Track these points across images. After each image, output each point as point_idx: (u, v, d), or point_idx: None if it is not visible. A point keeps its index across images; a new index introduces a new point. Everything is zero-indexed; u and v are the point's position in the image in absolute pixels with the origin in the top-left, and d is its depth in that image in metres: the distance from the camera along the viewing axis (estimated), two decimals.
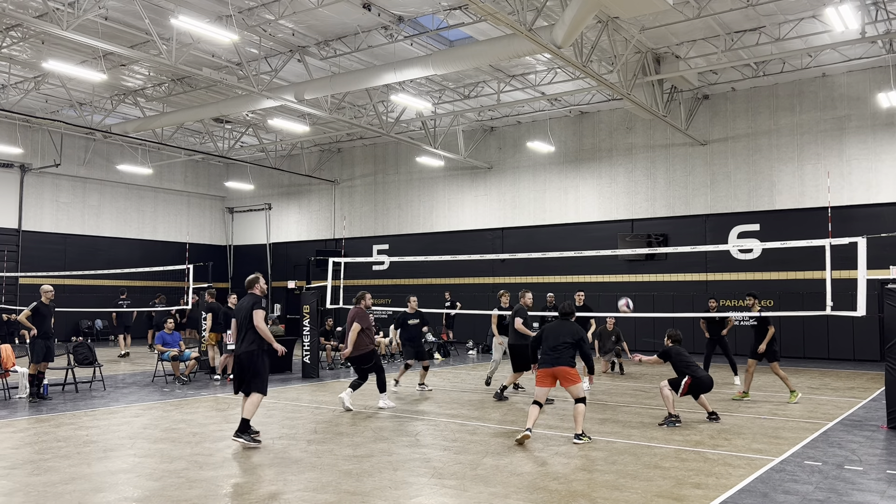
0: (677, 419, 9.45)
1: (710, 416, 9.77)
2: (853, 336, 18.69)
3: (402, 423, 9.52)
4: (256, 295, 8.32)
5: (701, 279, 21.24)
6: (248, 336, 8.08)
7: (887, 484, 6.53)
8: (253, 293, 8.32)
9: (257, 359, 8.06)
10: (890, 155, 18.68)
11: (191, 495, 6.04)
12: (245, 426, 7.89)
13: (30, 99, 21.98)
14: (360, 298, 10.92)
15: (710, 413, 9.79)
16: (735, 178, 20.81)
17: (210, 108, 20.34)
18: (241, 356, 8.12)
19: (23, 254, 25.08)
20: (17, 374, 11.87)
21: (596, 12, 13.48)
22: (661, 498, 6.03)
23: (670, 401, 9.46)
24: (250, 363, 8.04)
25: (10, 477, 6.63)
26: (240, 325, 8.21)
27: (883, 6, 14.99)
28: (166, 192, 30.44)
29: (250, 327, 8.06)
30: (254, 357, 8.05)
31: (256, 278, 8.44)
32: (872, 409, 10.76)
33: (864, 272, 10.02)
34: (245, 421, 7.90)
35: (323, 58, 18.14)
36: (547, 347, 8.47)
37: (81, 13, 13.81)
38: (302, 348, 15.14)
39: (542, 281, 23.60)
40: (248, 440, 7.83)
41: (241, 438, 7.82)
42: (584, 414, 8.38)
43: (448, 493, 6.18)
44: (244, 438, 7.83)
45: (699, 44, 17.37)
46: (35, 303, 11.82)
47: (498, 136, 25.38)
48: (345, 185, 29.31)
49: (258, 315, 8.05)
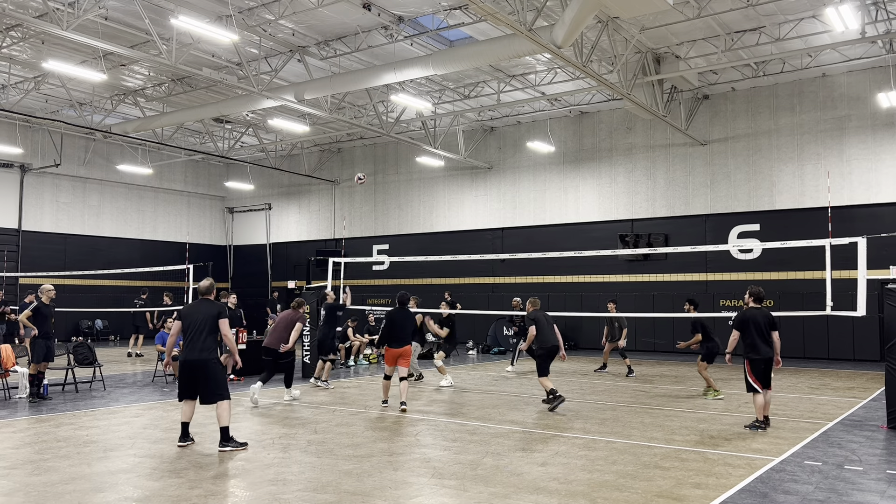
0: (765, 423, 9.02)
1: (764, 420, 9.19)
2: (853, 336, 18.69)
3: (402, 423, 9.52)
4: (217, 303, 8.11)
5: (701, 279, 21.24)
6: (206, 343, 7.78)
7: (887, 484, 6.53)
8: (209, 300, 8.06)
9: (215, 367, 7.84)
10: (890, 155, 18.68)
11: (191, 495, 6.04)
12: (226, 434, 7.75)
13: (30, 99, 21.98)
14: (300, 304, 12.09)
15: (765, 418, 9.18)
16: (735, 178, 20.81)
17: (210, 108, 20.35)
18: (194, 363, 7.79)
19: (23, 254, 25.08)
20: (17, 374, 11.87)
21: (596, 12, 13.48)
22: (661, 498, 6.03)
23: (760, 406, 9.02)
24: (209, 372, 7.78)
25: (10, 477, 6.63)
26: (194, 330, 7.79)
27: (883, 6, 14.99)
28: (166, 192, 30.45)
29: (210, 334, 7.80)
30: (211, 365, 7.80)
31: (212, 284, 8.15)
32: (872, 409, 10.76)
33: (864, 272, 10.03)
34: (225, 429, 7.75)
35: (323, 58, 18.14)
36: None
37: (81, 13, 13.82)
38: (302, 348, 15.15)
39: (542, 281, 23.61)
40: (236, 446, 7.74)
41: (229, 446, 7.69)
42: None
43: (448, 493, 6.18)
44: (231, 445, 7.71)
45: (699, 44, 17.37)
46: (35, 303, 11.82)
47: (498, 136, 25.38)
48: (345, 185, 29.31)
49: (225, 324, 7.87)
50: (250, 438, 8.43)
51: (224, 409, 7.76)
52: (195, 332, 7.78)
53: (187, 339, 7.82)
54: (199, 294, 8.13)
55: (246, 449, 7.71)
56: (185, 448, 7.83)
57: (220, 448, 7.68)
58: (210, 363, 7.79)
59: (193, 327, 7.80)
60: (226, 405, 7.79)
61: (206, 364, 7.77)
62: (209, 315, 7.83)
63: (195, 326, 7.79)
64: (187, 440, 8.01)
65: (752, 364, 8.99)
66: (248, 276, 31.64)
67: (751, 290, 9.25)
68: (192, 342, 7.77)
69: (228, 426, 7.77)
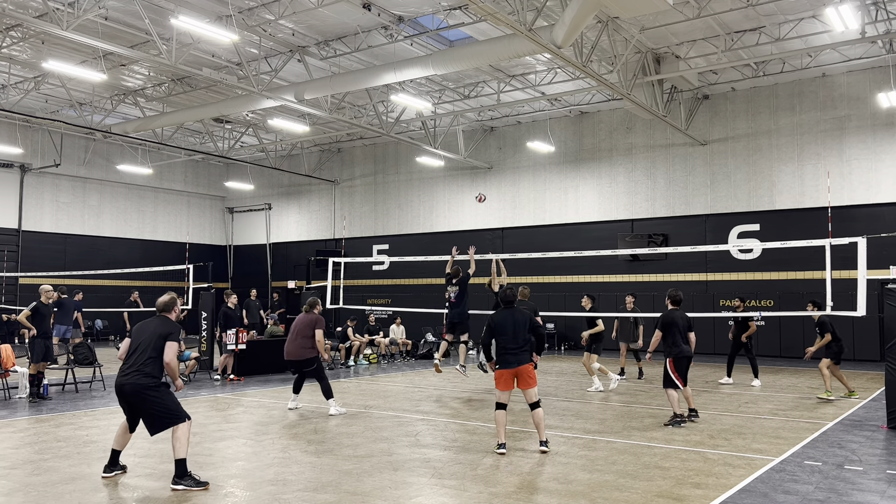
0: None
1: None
2: (853, 336, 18.66)
3: (402, 423, 9.52)
4: (171, 322, 6.81)
5: (701, 279, 21.23)
6: (144, 366, 6.44)
7: (887, 484, 6.52)
8: (167, 317, 6.82)
9: (155, 393, 6.44)
10: (890, 155, 18.67)
11: (191, 495, 6.04)
12: (182, 469, 6.29)
13: (30, 99, 21.98)
14: (313, 305, 10.75)
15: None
16: (735, 178, 20.81)
17: (210, 108, 20.34)
18: (126, 389, 6.44)
19: (23, 254, 25.09)
20: (17, 374, 11.87)
21: (596, 12, 13.48)
22: (661, 498, 6.03)
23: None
24: (147, 400, 6.41)
25: (10, 477, 6.63)
26: (140, 350, 6.53)
27: (883, 6, 14.99)
28: (166, 192, 30.45)
29: (153, 357, 6.48)
30: (149, 393, 6.41)
31: (173, 301, 6.95)
32: (872, 409, 10.76)
33: (864, 272, 10.02)
34: (181, 462, 6.30)
35: (323, 58, 18.14)
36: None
37: (81, 13, 13.82)
38: None
39: (542, 281, 23.60)
40: (193, 484, 6.24)
41: (182, 484, 6.22)
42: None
43: (448, 493, 6.18)
44: (185, 484, 6.22)
45: (699, 44, 17.37)
46: (35, 303, 11.82)
47: (498, 136, 25.38)
48: (345, 185, 29.31)
49: (171, 349, 6.52)
50: (250, 438, 8.44)
51: (180, 436, 6.35)
52: (138, 353, 6.52)
53: (128, 360, 6.56)
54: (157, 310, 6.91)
55: (207, 489, 6.21)
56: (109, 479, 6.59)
57: (173, 486, 6.23)
58: (147, 390, 6.40)
59: (142, 346, 6.55)
60: (183, 430, 6.37)
61: (141, 391, 6.39)
62: (156, 335, 6.55)
63: (143, 345, 6.54)
64: (115, 469, 6.68)
65: (675, 361, 9.48)
66: (248, 276, 31.62)
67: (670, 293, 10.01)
68: (130, 364, 6.49)
69: (185, 458, 6.30)
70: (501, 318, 7.91)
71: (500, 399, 7.79)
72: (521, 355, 7.75)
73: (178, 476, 6.25)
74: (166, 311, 6.87)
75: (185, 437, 6.36)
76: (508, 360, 7.73)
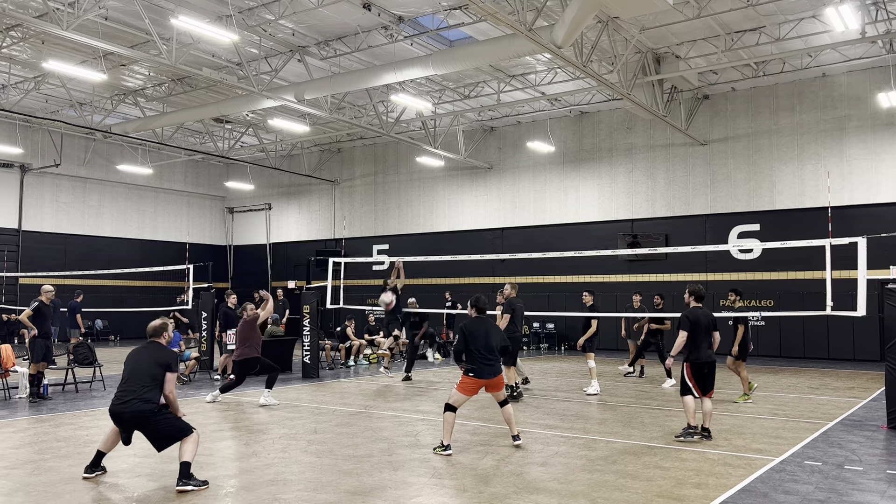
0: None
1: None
2: (853, 336, 18.69)
3: (402, 423, 9.52)
4: (166, 349, 6.80)
5: (701, 279, 21.21)
6: (149, 393, 6.40)
7: (887, 484, 6.52)
8: (160, 344, 6.78)
9: (164, 414, 6.48)
10: (890, 155, 18.68)
11: (191, 495, 6.04)
12: (186, 471, 6.29)
13: (30, 99, 21.98)
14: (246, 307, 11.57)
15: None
16: (735, 178, 20.81)
17: (210, 108, 20.35)
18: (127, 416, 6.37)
19: (23, 254, 25.09)
20: (17, 374, 11.87)
21: (596, 12, 13.48)
22: (661, 498, 6.03)
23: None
24: (159, 421, 6.41)
25: (10, 477, 6.63)
26: (136, 377, 6.47)
27: (883, 6, 14.99)
28: (166, 192, 30.45)
29: (152, 385, 6.44)
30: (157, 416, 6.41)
31: (164, 326, 6.88)
32: (872, 409, 10.76)
33: (864, 272, 10.02)
34: (187, 464, 6.32)
35: (323, 58, 18.14)
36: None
37: (81, 13, 13.82)
38: (302, 348, 15.15)
39: (542, 281, 23.61)
40: (197, 485, 6.28)
41: (190, 485, 6.23)
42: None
43: (448, 493, 6.18)
44: (192, 484, 6.25)
45: (699, 44, 17.37)
46: (36, 302, 11.82)
47: (498, 136, 25.38)
48: (345, 185, 29.31)
49: (171, 382, 6.55)
50: (250, 438, 8.44)
51: (189, 444, 6.39)
52: (133, 380, 6.45)
53: (123, 385, 6.47)
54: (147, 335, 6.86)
55: (207, 487, 6.30)
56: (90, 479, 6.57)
57: (180, 487, 6.22)
58: (150, 415, 6.37)
59: (135, 376, 6.47)
60: (192, 439, 6.42)
61: (143, 418, 6.36)
62: (153, 363, 6.53)
63: (140, 373, 6.48)
64: (96, 470, 6.68)
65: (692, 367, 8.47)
66: (248, 276, 31.62)
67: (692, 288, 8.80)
68: (126, 391, 6.41)
69: (190, 462, 6.33)
70: (474, 327, 7.93)
71: (456, 403, 7.79)
72: (495, 366, 7.86)
73: (185, 477, 6.26)
74: (156, 337, 6.83)
75: (192, 445, 6.41)
76: (484, 370, 7.77)
